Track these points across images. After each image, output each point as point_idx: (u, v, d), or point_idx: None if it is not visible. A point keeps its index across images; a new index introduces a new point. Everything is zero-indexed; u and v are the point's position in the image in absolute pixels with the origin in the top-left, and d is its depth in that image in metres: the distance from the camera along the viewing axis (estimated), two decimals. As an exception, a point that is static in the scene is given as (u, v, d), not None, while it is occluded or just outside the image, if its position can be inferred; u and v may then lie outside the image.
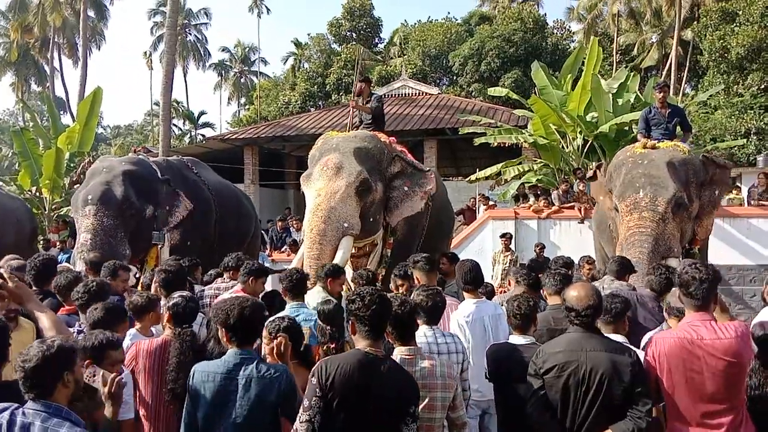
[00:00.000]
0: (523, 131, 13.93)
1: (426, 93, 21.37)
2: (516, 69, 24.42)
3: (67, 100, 31.48)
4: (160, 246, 7.15)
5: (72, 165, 14.69)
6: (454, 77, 27.60)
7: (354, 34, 31.11)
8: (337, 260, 5.58)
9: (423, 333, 3.34)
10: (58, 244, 11.95)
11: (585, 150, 13.03)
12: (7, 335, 2.43)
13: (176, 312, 3.47)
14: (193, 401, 2.81)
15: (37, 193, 14.60)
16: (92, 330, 3.06)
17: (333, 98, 27.01)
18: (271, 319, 3.26)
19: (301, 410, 2.55)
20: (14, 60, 30.79)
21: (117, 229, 6.73)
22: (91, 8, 27.66)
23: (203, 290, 5.11)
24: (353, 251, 6.07)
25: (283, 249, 12.57)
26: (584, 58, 13.56)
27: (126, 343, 3.43)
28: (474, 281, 4.17)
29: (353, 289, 4.65)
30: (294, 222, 13.82)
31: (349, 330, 2.75)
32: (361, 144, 6.27)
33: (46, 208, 14.36)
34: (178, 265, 4.77)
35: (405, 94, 21.41)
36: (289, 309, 4.03)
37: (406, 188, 6.40)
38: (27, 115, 26.44)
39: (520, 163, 13.93)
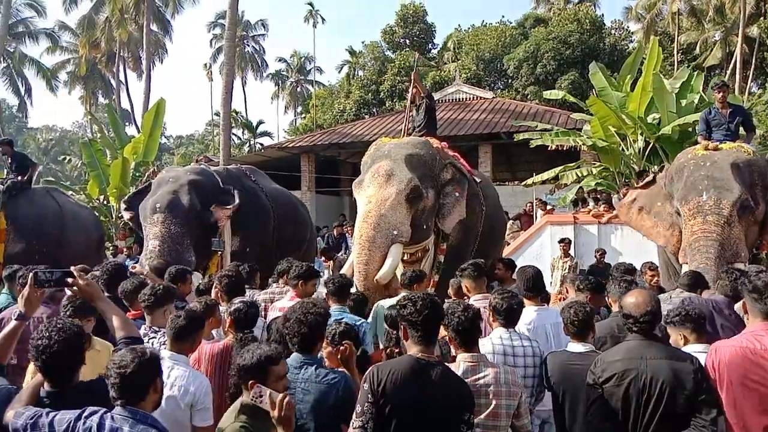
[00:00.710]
0: (581, 134, 13.65)
1: (480, 97, 21.22)
2: (572, 71, 23.98)
3: (132, 111, 32.75)
4: (220, 252, 7.27)
5: (137, 174, 15.26)
6: (509, 81, 27.31)
7: (407, 41, 31.20)
8: (385, 268, 5.61)
9: (499, 335, 3.33)
10: (125, 250, 12.43)
11: (647, 152, 12.64)
12: (83, 339, 2.48)
13: (238, 317, 3.56)
14: None
15: (105, 202, 15.25)
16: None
17: (387, 105, 27.15)
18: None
19: (354, 416, 2.54)
20: (83, 75, 32.28)
21: (183, 236, 6.89)
22: (154, 23, 28.69)
23: (258, 295, 5.20)
24: (405, 258, 6.05)
25: (339, 255, 12.71)
26: (644, 58, 13.18)
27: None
28: (535, 288, 4.12)
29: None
30: (349, 228, 13.96)
31: (401, 335, 2.73)
32: (413, 150, 6.25)
33: (113, 216, 14.96)
34: (237, 271, 4.88)
35: (459, 99, 21.32)
36: (333, 314, 4.03)
37: (456, 194, 6.36)
38: (95, 127, 27.67)
39: (578, 167, 13.64)
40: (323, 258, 11.66)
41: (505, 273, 5.67)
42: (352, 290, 4.91)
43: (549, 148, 13.54)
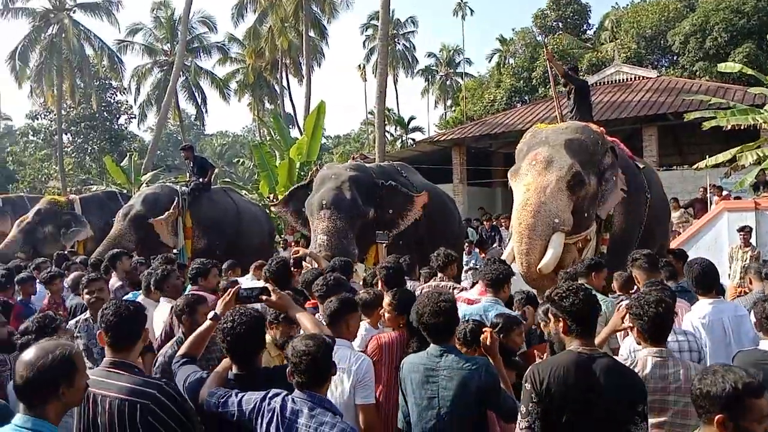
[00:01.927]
0: (762, 111, 12.30)
1: (643, 77, 19.88)
2: (748, 42, 21.65)
3: (295, 115, 34.87)
4: (384, 245, 7.47)
5: (302, 174, 16.23)
6: (675, 57, 25.29)
7: (560, 24, 30.05)
8: (547, 257, 5.42)
9: None
10: (293, 244, 13.31)
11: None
12: (263, 325, 2.72)
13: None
14: (403, 391, 2.97)
15: (274, 200, 16.40)
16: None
17: (540, 92, 26.37)
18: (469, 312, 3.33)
19: (519, 417, 2.53)
20: (251, 83, 34.88)
21: (348, 230, 7.22)
22: (312, 29, 30.24)
23: (418, 286, 5.32)
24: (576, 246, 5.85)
25: (493, 247, 12.60)
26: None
27: (361, 333, 3.70)
28: (705, 283, 3.84)
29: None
30: (503, 220, 13.78)
31: (561, 329, 2.64)
32: (573, 135, 6.00)
33: (282, 213, 16.06)
34: (398, 262, 4.96)
35: (619, 80, 20.15)
36: (485, 303, 4.04)
37: (614, 179, 6.06)
38: (263, 131, 29.82)
39: (758, 147, 12.31)
40: (477, 249, 11.62)
41: (676, 265, 5.32)
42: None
43: (724, 128, 12.37)
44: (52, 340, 2.30)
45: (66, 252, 9.39)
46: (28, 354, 2.08)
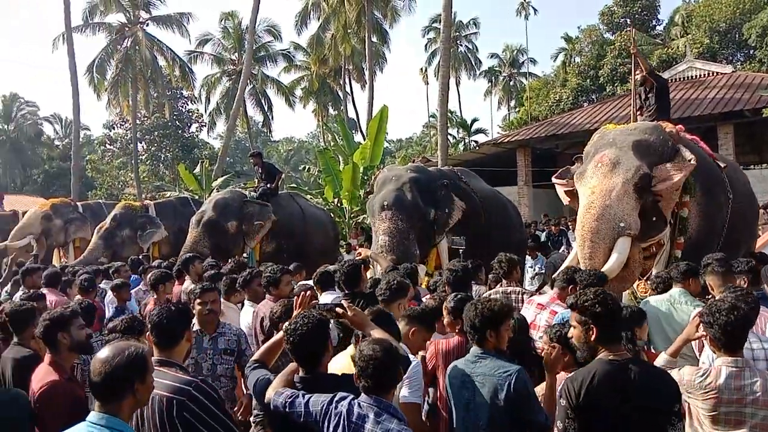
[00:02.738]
0: None
1: (717, 73, 19.10)
2: (832, 33, 20.44)
3: (358, 120, 35.17)
4: (461, 250, 7.35)
5: (365, 178, 16.40)
6: (751, 51, 24.13)
7: (628, 20, 29.17)
8: (611, 262, 5.22)
9: None
10: (357, 248, 13.46)
11: None
12: (327, 328, 2.75)
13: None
14: (448, 395, 2.98)
15: (338, 204, 16.65)
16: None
17: (607, 90, 25.68)
18: (552, 324, 3.27)
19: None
20: (315, 90, 35.52)
21: (409, 231, 7.24)
22: (374, 34, 30.50)
23: (482, 290, 5.30)
24: (640, 252, 5.66)
25: (560, 251, 12.35)
26: None
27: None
28: None
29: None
30: (570, 223, 13.48)
31: (590, 337, 2.59)
32: (641, 137, 5.78)
33: (346, 217, 16.28)
34: (464, 266, 4.92)
35: (691, 76, 19.42)
36: (560, 311, 3.96)
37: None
38: (327, 137, 30.27)
39: None
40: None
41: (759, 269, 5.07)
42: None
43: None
44: (124, 340, 2.46)
45: (140, 256, 9.80)
46: (104, 352, 2.21)
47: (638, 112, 7.40)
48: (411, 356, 3.26)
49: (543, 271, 9.46)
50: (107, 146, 38.64)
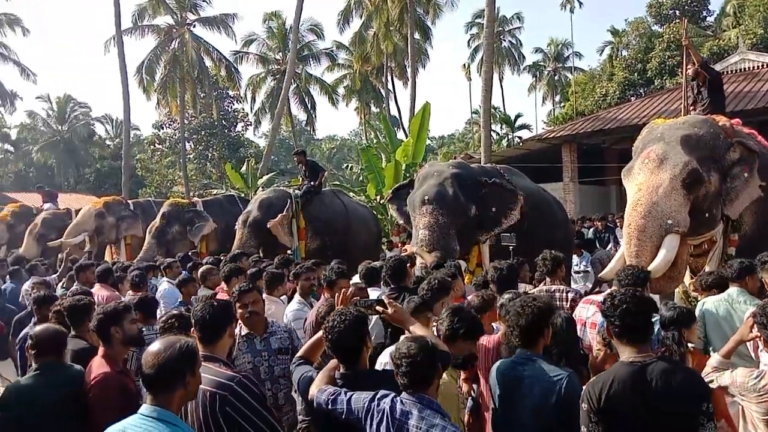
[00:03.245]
0: None
1: (772, 64, 18.40)
2: None
3: (400, 117, 35.20)
4: (511, 247, 7.22)
5: (408, 175, 16.38)
6: (807, 41, 23.18)
7: (677, 12, 28.35)
8: (658, 260, 5.11)
9: None
10: (399, 245, 13.48)
11: None
12: (365, 325, 2.79)
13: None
14: (493, 396, 2.94)
15: (381, 201, 16.68)
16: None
17: (656, 84, 25.03)
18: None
19: None
20: (357, 88, 35.70)
21: (449, 227, 7.18)
22: (416, 31, 30.44)
23: (530, 290, 5.24)
24: (690, 250, 5.51)
25: (607, 249, 12.12)
26: None
27: None
28: None
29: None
30: (617, 220, 13.20)
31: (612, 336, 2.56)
32: (691, 131, 5.63)
33: (389, 215, 16.29)
34: (509, 264, 4.88)
35: (744, 68, 18.73)
36: (580, 306, 3.93)
37: (745, 175, 5.59)
38: (370, 134, 30.38)
39: None
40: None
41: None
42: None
43: None
44: (173, 335, 2.52)
45: (189, 253, 10.03)
46: (155, 346, 2.28)
47: (691, 107, 7.20)
48: None
49: (588, 268, 9.29)
50: (156, 146, 39.59)
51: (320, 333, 2.97)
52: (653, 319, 2.75)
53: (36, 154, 43.43)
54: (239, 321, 3.82)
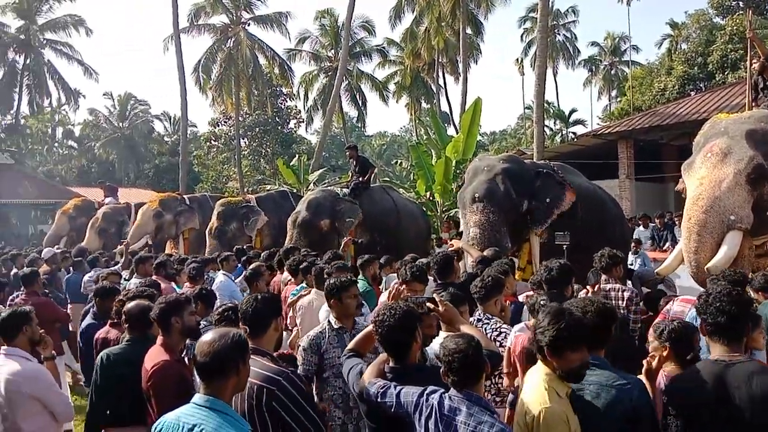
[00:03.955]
0: None
1: None
2: None
3: (451, 113, 35.07)
4: (565, 246, 7.05)
5: (458, 172, 16.32)
6: None
7: (741, 3, 27.22)
8: (719, 256, 4.96)
9: None
10: (448, 241, 13.45)
11: None
12: (415, 320, 2.76)
13: None
14: None
15: (430, 198, 16.67)
16: None
17: (717, 78, 24.12)
18: (660, 320, 3.12)
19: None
20: (408, 84, 35.69)
21: (501, 223, 7.10)
22: (468, 26, 30.20)
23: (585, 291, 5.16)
24: (752, 249, 5.31)
25: (665, 248, 11.81)
26: None
27: (510, 338, 3.68)
28: None
29: None
30: (676, 218, 12.81)
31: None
32: (756, 125, 5.44)
33: (438, 211, 16.28)
34: (560, 265, 4.78)
35: (815, 60, 17.83)
36: (675, 308, 3.86)
37: None
38: (420, 131, 30.33)
39: None
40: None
41: None
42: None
43: None
44: (223, 327, 2.59)
45: (244, 246, 10.26)
46: (208, 336, 2.34)
47: (754, 102, 6.92)
48: None
49: (646, 267, 9.06)
50: (212, 142, 40.50)
51: (371, 327, 3.00)
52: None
53: (98, 150, 45.18)
54: (333, 314, 3.78)
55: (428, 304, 3.05)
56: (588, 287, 4.91)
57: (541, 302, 3.46)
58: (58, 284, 8.87)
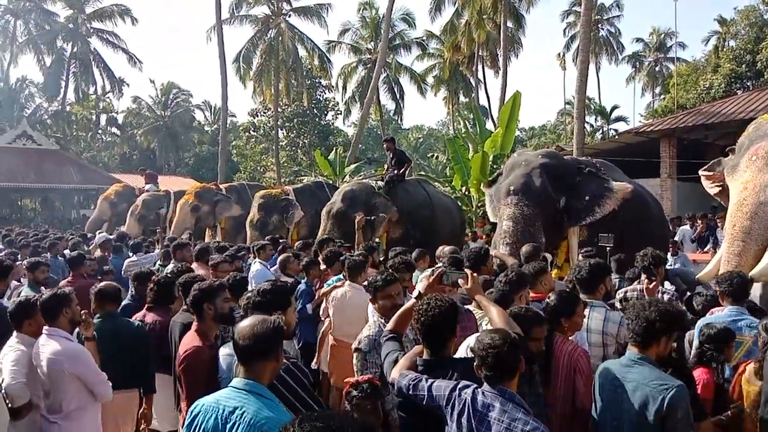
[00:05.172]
0: None
1: None
2: None
3: (489, 107, 34.69)
4: (608, 248, 6.88)
5: (495, 167, 16.16)
6: None
7: (795, -1, 26.31)
8: (762, 264, 4.83)
9: None
10: (483, 236, 13.36)
11: None
12: (456, 314, 2.78)
13: None
14: (593, 395, 2.88)
15: (466, 192, 16.56)
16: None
17: (765, 77, 23.38)
18: (706, 323, 3.06)
19: None
20: (446, 77, 35.48)
21: (535, 218, 7.02)
22: (509, 19, 29.83)
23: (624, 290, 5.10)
24: None
25: (706, 249, 11.54)
26: None
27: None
28: None
29: None
30: (719, 220, 12.48)
31: None
32: (805, 128, 5.29)
33: (473, 206, 16.16)
34: (590, 265, 4.66)
35: None
36: (728, 312, 3.77)
37: None
38: (457, 124, 30.14)
39: None
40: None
41: None
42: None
43: None
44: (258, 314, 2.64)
45: (278, 236, 10.39)
46: (249, 320, 2.39)
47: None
48: None
49: (686, 268, 8.86)
50: (251, 132, 40.96)
51: (409, 303, 2.99)
52: None
53: (140, 138, 46.10)
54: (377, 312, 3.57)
55: (461, 279, 3.10)
56: (645, 281, 4.84)
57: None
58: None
